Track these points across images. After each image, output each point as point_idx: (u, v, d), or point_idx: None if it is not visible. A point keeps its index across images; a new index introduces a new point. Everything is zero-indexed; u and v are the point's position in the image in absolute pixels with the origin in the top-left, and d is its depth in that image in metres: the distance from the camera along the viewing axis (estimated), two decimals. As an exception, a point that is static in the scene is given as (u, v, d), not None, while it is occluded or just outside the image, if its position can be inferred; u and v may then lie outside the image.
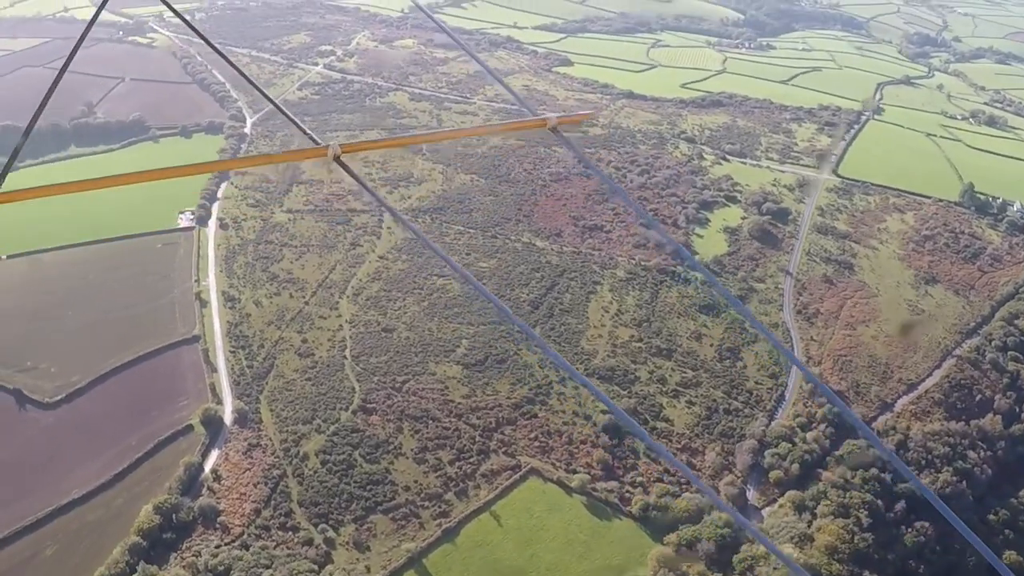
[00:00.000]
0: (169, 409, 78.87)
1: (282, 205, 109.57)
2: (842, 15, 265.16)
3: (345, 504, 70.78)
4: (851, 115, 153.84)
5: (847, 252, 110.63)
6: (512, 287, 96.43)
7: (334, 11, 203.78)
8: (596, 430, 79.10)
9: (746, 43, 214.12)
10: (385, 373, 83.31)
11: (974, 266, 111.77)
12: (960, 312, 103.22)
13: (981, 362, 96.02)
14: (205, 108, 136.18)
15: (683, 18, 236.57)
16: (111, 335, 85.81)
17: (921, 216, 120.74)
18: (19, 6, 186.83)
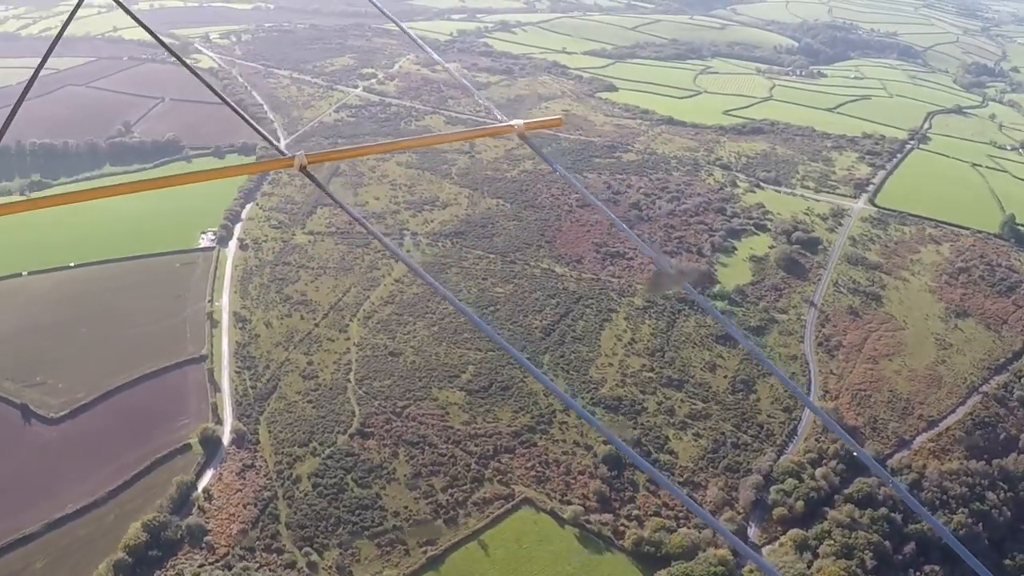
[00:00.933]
0: (169, 428, 79.69)
1: (304, 227, 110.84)
2: (899, 44, 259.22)
3: (332, 528, 70.41)
4: (895, 144, 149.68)
5: (876, 283, 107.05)
6: (526, 313, 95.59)
7: (381, 34, 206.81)
8: (596, 461, 77.51)
9: (797, 71, 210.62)
10: (387, 397, 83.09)
11: (1009, 300, 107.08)
12: (990, 347, 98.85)
13: (1008, 399, 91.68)
14: (241, 129, 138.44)
15: (736, 45, 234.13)
16: (121, 352, 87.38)
17: (957, 248, 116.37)
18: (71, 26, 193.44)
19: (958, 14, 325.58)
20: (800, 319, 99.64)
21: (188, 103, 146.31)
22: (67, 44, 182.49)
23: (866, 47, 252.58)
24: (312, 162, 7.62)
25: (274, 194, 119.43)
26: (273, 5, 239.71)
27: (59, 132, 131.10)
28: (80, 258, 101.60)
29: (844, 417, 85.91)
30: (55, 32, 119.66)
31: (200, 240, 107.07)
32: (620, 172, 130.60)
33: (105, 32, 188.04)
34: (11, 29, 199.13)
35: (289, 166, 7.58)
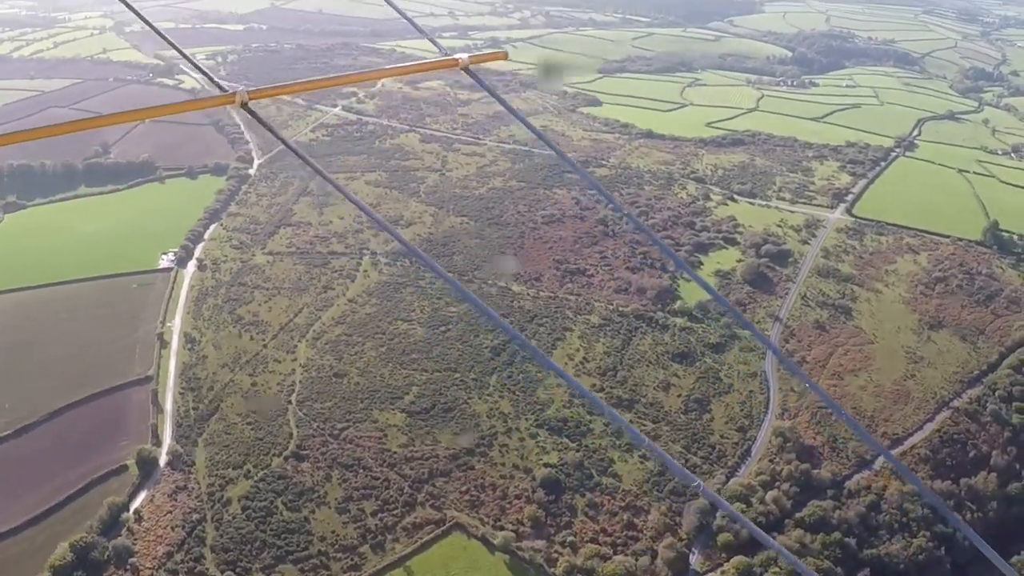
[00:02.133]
0: (109, 449, 78.82)
1: (264, 247, 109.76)
2: (896, 51, 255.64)
3: (257, 552, 68.74)
4: (879, 152, 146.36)
5: (847, 296, 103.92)
6: (477, 333, 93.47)
7: (369, 53, 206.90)
8: (534, 484, 75.14)
9: (789, 81, 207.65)
10: (326, 419, 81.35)
11: (987, 309, 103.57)
12: (964, 359, 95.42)
13: (981, 414, 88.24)
14: (216, 149, 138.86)
15: (728, 56, 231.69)
16: (70, 373, 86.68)
17: (936, 256, 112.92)
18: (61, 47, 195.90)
19: (958, 19, 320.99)
20: (764, 335, 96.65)
21: (167, 124, 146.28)
22: (56, 66, 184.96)
23: (862, 55, 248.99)
24: (253, 98, 7.28)
25: (239, 214, 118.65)
26: (266, 26, 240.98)
27: (38, 153, 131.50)
28: (41, 279, 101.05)
29: (801, 437, 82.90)
30: (46, 54, 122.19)
31: (160, 261, 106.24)
32: (591, 187, 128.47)
33: (94, 54, 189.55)
34: (4, 51, 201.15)
35: (230, 102, 7.25)
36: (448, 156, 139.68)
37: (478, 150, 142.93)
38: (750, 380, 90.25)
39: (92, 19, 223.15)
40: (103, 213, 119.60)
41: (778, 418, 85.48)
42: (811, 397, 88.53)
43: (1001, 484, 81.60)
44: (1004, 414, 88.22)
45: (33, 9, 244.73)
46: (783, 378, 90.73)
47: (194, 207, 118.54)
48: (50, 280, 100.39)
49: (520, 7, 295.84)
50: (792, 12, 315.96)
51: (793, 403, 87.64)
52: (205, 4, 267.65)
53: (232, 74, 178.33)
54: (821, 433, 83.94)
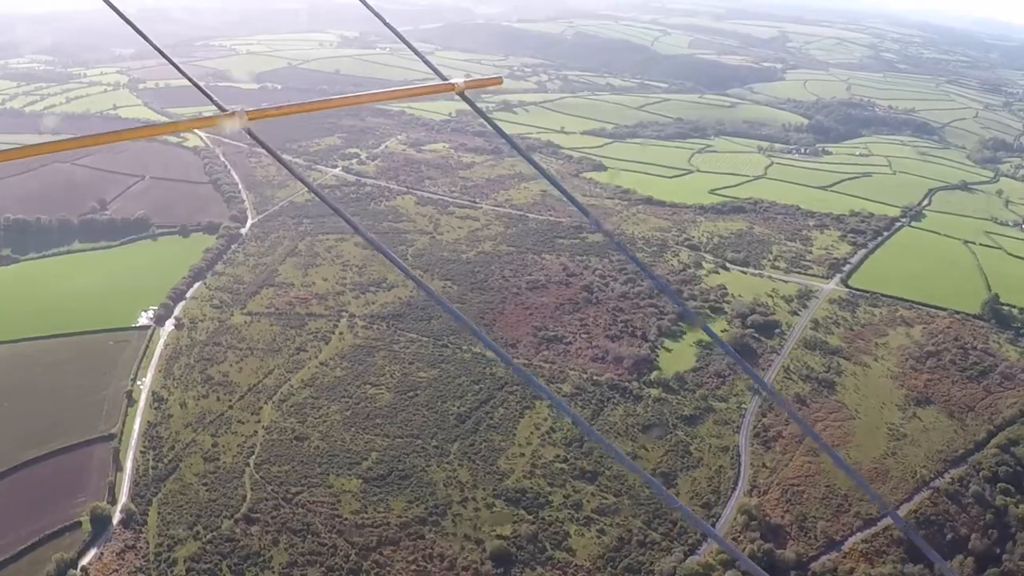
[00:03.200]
0: (66, 505, 78.24)
1: (244, 307, 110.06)
2: (915, 120, 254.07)
3: (194, 616, 67.59)
4: (883, 221, 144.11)
5: (832, 369, 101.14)
6: (445, 399, 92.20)
7: (377, 114, 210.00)
8: (483, 556, 72.99)
9: (802, 148, 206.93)
10: (281, 483, 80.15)
11: (979, 385, 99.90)
12: (950, 437, 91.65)
13: (962, 495, 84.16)
14: (211, 208, 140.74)
15: (744, 123, 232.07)
16: (36, 428, 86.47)
17: (930, 330, 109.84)
18: (73, 103, 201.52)
19: (981, 89, 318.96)
20: (740, 408, 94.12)
21: (166, 181, 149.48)
22: (66, 121, 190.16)
23: (881, 124, 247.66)
24: (253, 118, 7.26)
25: (225, 273, 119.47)
26: (280, 86, 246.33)
27: (36, 208, 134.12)
28: (19, 334, 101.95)
29: (768, 515, 79.81)
30: (57, 109, 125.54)
31: (139, 318, 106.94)
32: (581, 253, 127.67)
33: (104, 110, 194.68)
34: (18, 105, 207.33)
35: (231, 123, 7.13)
36: (441, 219, 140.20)
37: (473, 213, 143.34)
38: (721, 455, 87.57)
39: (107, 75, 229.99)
40: (92, 269, 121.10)
41: (746, 495, 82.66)
42: (783, 473, 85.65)
43: (978, 569, 77.26)
44: (987, 495, 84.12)
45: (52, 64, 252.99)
46: (755, 453, 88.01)
47: (181, 265, 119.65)
48: (27, 335, 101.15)
49: (538, 71, 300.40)
50: (813, 80, 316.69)
51: (764, 479, 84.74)
52: (220, 63, 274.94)
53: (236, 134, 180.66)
54: (790, 512, 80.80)
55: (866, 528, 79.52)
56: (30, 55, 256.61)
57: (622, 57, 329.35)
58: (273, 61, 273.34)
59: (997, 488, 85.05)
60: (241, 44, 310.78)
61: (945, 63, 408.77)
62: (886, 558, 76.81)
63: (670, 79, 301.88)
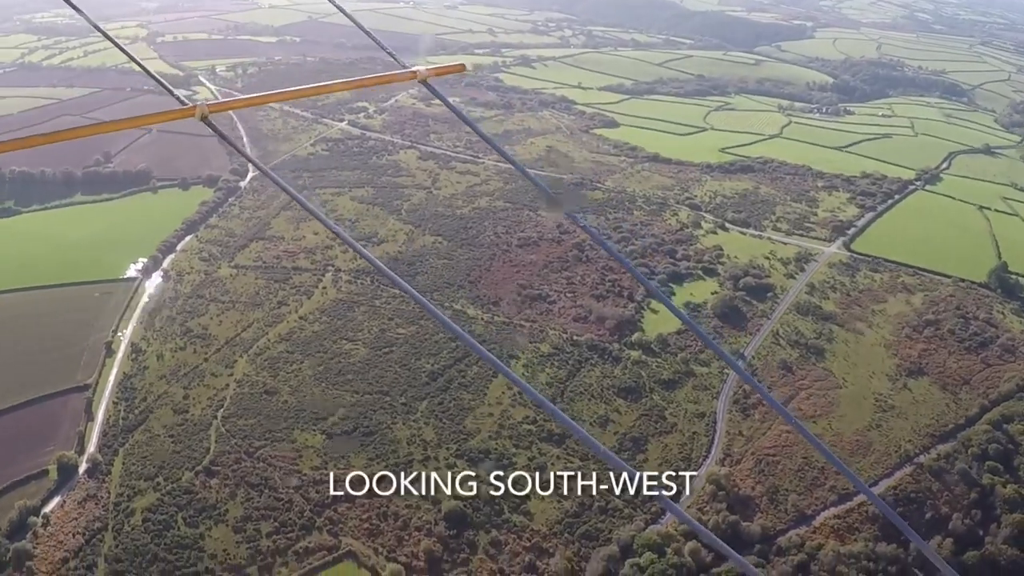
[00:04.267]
0: (35, 454, 79.05)
1: (232, 260, 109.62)
2: (945, 82, 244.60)
3: (146, 564, 67.69)
4: (896, 184, 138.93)
5: (823, 336, 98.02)
6: (420, 356, 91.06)
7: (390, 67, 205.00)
8: (438, 516, 72.22)
9: (824, 108, 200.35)
10: (246, 436, 79.95)
11: (978, 357, 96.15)
12: (941, 411, 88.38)
13: (947, 472, 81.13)
14: (214, 161, 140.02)
15: (766, 81, 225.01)
16: (13, 378, 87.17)
17: (932, 298, 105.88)
18: (91, 56, 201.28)
19: (1016, 52, 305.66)
20: (722, 373, 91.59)
21: (172, 134, 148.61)
22: (81, 75, 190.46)
23: (909, 85, 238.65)
24: (214, 111, 7.52)
25: (218, 226, 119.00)
26: (299, 39, 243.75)
27: (42, 161, 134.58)
28: (7, 284, 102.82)
29: (739, 486, 77.76)
30: (74, 64, 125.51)
31: (128, 271, 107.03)
32: (579, 211, 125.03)
33: (120, 63, 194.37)
34: (36, 59, 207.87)
35: (190, 115, 7.40)
36: (441, 174, 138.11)
37: (474, 169, 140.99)
38: (696, 421, 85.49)
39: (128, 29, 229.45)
40: (90, 221, 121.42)
41: (718, 463, 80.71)
42: (759, 443, 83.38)
43: (957, 551, 74.47)
44: (974, 473, 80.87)
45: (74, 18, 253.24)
46: (733, 421, 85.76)
47: (176, 218, 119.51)
48: (15, 286, 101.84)
49: (562, 26, 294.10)
50: (843, 39, 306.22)
51: (739, 448, 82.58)
52: (242, 16, 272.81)
53: (248, 87, 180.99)
54: (762, 483, 78.64)
55: (841, 503, 77.11)
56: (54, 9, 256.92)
57: (650, 13, 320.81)
58: (295, 15, 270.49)
59: (985, 466, 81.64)
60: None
61: (982, 24, 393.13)
62: (858, 535, 74.43)
63: (697, 36, 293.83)
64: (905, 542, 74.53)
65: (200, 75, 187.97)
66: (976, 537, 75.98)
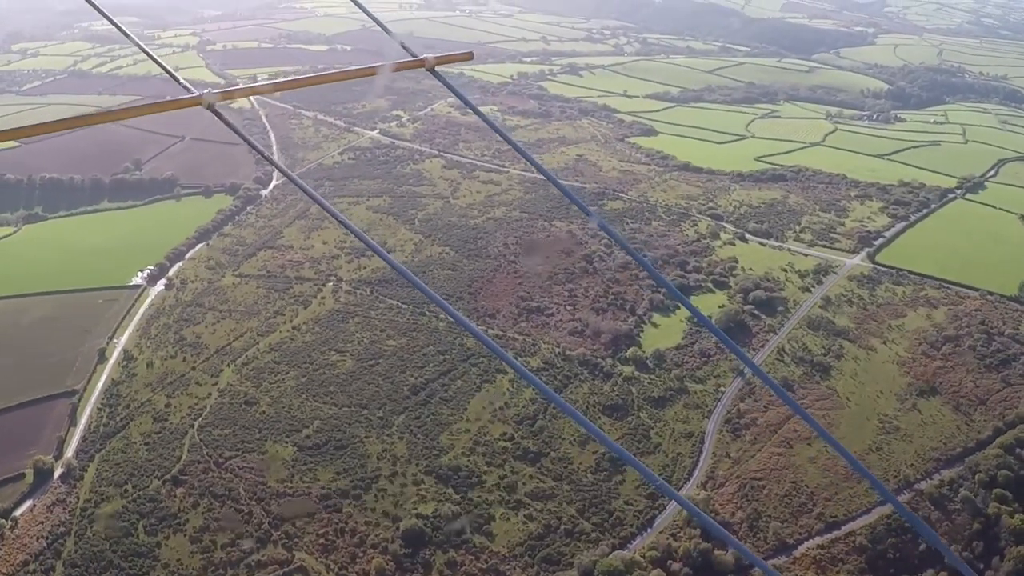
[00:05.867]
0: (16, 456, 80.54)
1: (237, 269, 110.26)
2: (1006, 87, 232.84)
3: (102, 571, 68.19)
4: (934, 193, 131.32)
5: (831, 353, 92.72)
6: (405, 369, 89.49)
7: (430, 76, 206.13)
8: (395, 534, 70.36)
9: (874, 115, 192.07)
10: (218, 446, 79.68)
11: (998, 376, 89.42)
12: (951, 434, 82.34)
13: (949, 500, 75.44)
14: (241, 169, 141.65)
15: (819, 89, 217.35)
16: (6, 382, 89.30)
17: (956, 312, 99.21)
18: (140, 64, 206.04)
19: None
20: (718, 391, 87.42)
21: (204, 143, 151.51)
22: (125, 83, 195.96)
23: (968, 91, 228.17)
24: (221, 100, 7.37)
25: (231, 235, 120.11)
26: (350, 47, 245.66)
27: (74, 167, 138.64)
28: (17, 289, 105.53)
29: (718, 512, 73.65)
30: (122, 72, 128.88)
31: (135, 277, 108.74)
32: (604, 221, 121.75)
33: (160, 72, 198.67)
34: (87, 67, 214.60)
35: (197, 104, 7.35)
36: (463, 183, 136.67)
37: (496, 178, 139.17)
38: (683, 441, 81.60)
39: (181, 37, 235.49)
40: (110, 228, 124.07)
41: (700, 487, 76.67)
42: (746, 466, 79.00)
43: (953, 585, 69.36)
44: (979, 502, 74.87)
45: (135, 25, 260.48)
46: (721, 442, 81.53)
47: (192, 226, 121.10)
48: (24, 292, 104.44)
49: (617, 34, 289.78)
50: (904, 45, 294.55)
51: (724, 471, 78.39)
52: (295, 25, 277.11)
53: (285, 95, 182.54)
54: (743, 509, 74.41)
55: (827, 532, 72.48)
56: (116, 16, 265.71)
57: (708, 20, 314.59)
58: (348, 23, 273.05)
59: (992, 494, 75.53)
60: (322, 6, 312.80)
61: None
62: (841, 567, 69.76)
63: (754, 43, 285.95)
64: (895, 574, 69.56)
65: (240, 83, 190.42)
66: (975, 571, 70.27)
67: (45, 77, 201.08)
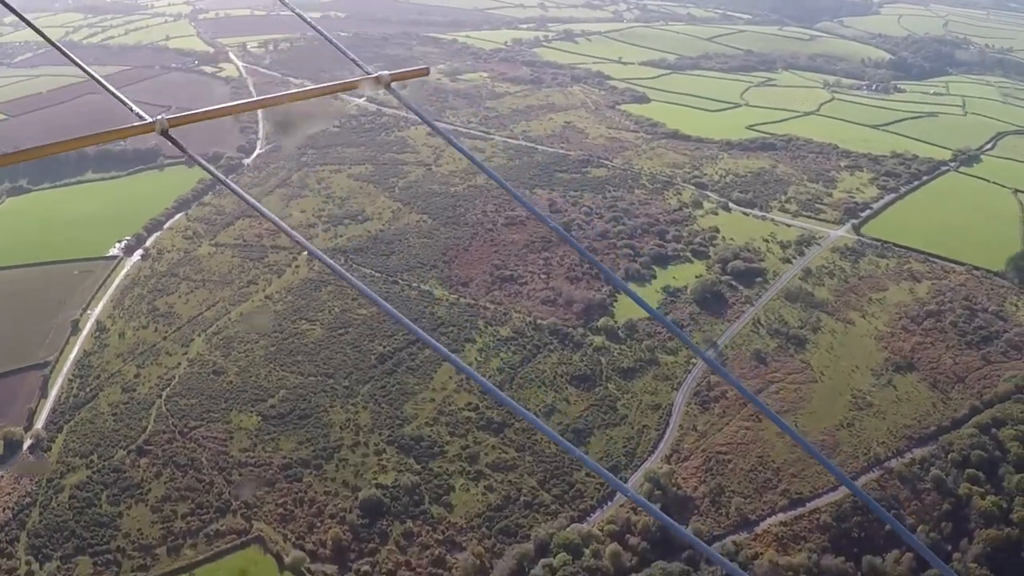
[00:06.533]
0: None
1: (214, 238, 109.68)
2: (1011, 60, 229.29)
3: (64, 540, 68.20)
4: (927, 165, 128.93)
5: (808, 325, 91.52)
6: (374, 338, 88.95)
7: (427, 43, 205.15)
8: (353, 504, 70.20)
9: (873, 85, 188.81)
10: (184, 416, 79.52)
11: (978, 353, 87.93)
12: (926, 411, 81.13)
13: (920, 479, 74.34)
14: (226, 138, 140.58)
15: (819, 58, 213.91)
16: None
17: (939, 287, 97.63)
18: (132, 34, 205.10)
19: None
20: (689, 363, 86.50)
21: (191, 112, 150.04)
22: (117, 53, 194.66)
23: (973, 64, 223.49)
24: (174, 126, 7.56)
25: (210, 204, 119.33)
26: (344, 14, 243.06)
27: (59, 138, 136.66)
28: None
29: (681, 486, 72.97)
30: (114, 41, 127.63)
31: (112, 249, 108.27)
32: (576, 188, 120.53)
33: (157, 40, 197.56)
34: (78, 38, 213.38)
35: (150, 131, 7.41)
36: (446, 151, 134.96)
37: (481, 144, 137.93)
38: (650, 413, 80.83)
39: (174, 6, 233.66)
40: (91, 199, 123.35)
41: (664, 460, 76.08)
42: (713, 439, 78.22)
43: (918, 568, 67.87)
44: (950, 482, 73.70)
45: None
46: (689, 414, 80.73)
47: (171, 196, 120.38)
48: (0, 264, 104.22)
49: (619, 0, 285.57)
50: (909, 15, 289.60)
51: (689, 444, 77.68)
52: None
53: (275, 63, 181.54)
54: (707, 483, 73.65)
55: (791, 509, 71.55)
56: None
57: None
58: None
59: (964, 474, 74.09)
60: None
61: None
62: (803, 545, 68.87)
63: (756, 11, 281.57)
64: (856, 556, 68.56)
65: (230, 52, 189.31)
66: (943, 553, 68.90)
67: (36, 49, 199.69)
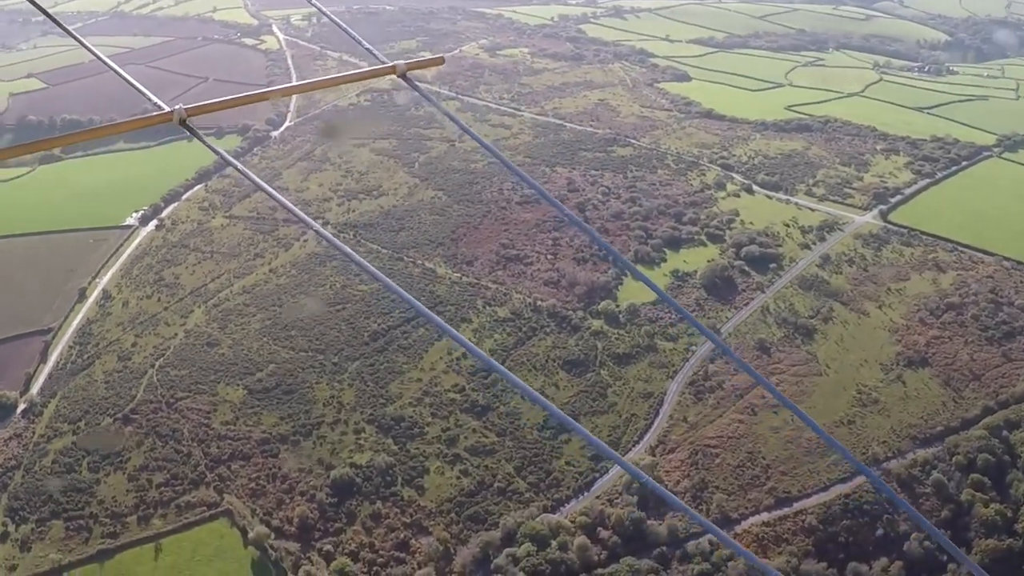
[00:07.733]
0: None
1: (229, 210, 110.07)
2: None
3: (41, 504, 69.85)
4: (968, 150, 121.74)
5: (819, 315, 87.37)
6: (369, 315, 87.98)
7: (472, 17, 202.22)
8: (324, 482, 69.64)
9: (926, 67, 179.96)
10: (172, 387, 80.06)
11: (999, 349, 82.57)
12: (935, 410, 76.59)
13: (919, 481, 70.39)
14: (257, 110, 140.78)
15: (873, 38, 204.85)
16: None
17: (964, 278, 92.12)
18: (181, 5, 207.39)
19: None
20: (689, 350, 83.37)
21: (227, 83, 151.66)
22: (162, 24, 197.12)
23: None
24: (192, 115, 7.67)
25: (230, 176, 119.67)
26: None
27: (96, 109, 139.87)
28: (15, 229, 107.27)
29: (663, 479, 70.30)
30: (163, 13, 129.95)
31: (128, 218, 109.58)
32: (598, 168, 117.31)
33: (203, 12, 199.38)
34: (129, 9, 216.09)
35: (168, 120, 7.58)
36: (473, 127, 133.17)
37: (508, 121, 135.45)
38: (640, 401, 78.20)
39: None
40: (119, 169, 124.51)
41: (648, 451, 73.54)
42: (702, 432, 75.24)
43: (908, 575, 64.64)
44: (952, 486, 69.63)
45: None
46: (682, 404, 77.83)
47: (194, 167, 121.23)
48: (18, 231, 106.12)
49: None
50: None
51: (677, 436, 74.90)
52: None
53: (315, 36, 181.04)
54: (690, 478, 70.96)
55: (776, 509, 68.48)
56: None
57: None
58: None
59: (968, 479, 69.92)
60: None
61: None
62: (784, 548, 65.86)
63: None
64: (842, 562, 65.24)
65: (274, 24, 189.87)
66: (937, 563, 64.93)
67: (87, 19, 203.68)
